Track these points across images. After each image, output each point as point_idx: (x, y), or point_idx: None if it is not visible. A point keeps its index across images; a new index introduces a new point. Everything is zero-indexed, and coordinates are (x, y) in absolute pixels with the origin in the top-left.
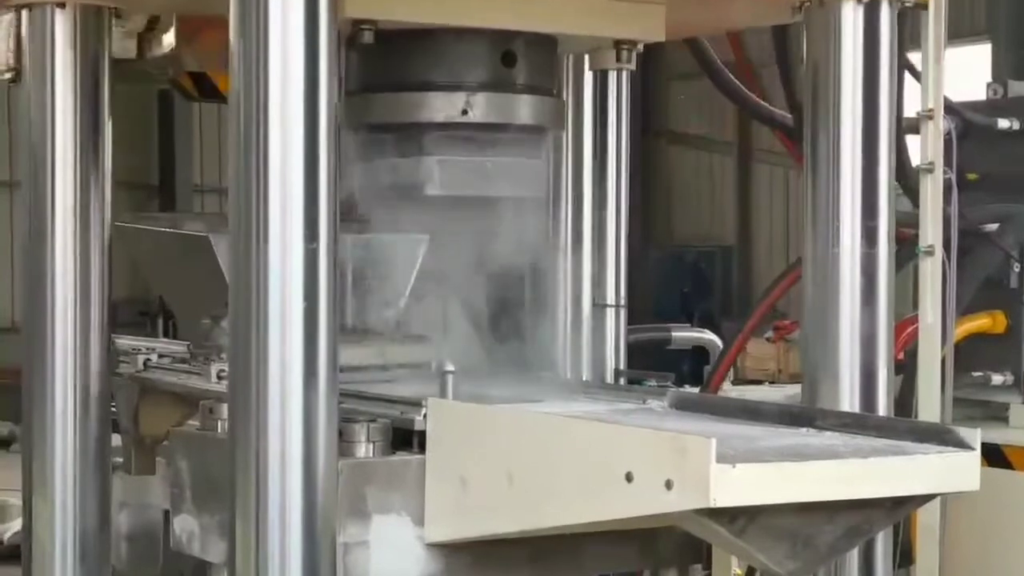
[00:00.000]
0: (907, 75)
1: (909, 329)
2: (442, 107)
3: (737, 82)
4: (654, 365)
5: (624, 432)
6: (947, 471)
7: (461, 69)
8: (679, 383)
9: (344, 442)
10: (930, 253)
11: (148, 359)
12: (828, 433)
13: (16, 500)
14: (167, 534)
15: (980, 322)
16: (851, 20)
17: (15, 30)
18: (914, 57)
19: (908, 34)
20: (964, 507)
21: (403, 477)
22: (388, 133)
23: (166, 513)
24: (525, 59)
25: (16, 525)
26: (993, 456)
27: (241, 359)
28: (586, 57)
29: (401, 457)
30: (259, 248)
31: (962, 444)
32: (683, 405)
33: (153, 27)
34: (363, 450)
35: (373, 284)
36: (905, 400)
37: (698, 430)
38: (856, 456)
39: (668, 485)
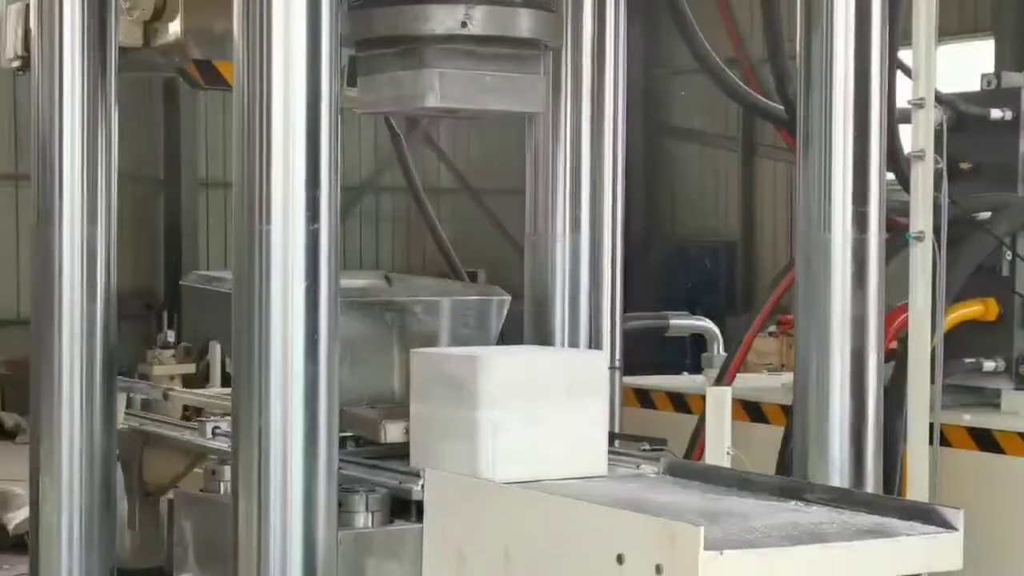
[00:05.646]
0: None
1: (901, 317)
2: (442, 19)
3: (734, 77)
4: (654, 355)
5: (617, 516)
6: (930, 552)
7: None
8: (679, 373)
9: (344, 512)
10: (920, 239)
11: (217, 427)
12: (816, 508)
13: (21, 490)
14: (171, 524)
15: (972, 309)
16: (843, 5)
17: (23, 19)
18: (908, 53)
19: (901, 29)
20: (955, 492)
21: (401, 546)
22: (389, 47)
23: (170, 504)
24: None
25: (21, 514)
26: (984, 441)
27: (244, 344)
28: None
29: (399, 527)
30: (261, 227)
31: (946, 524)
32: (676, 472)
33: (159, 15)
34: (362, 520)
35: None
36: (896, 387)
37: (688, 506)
38: (841, 539)
39: (658, 570)
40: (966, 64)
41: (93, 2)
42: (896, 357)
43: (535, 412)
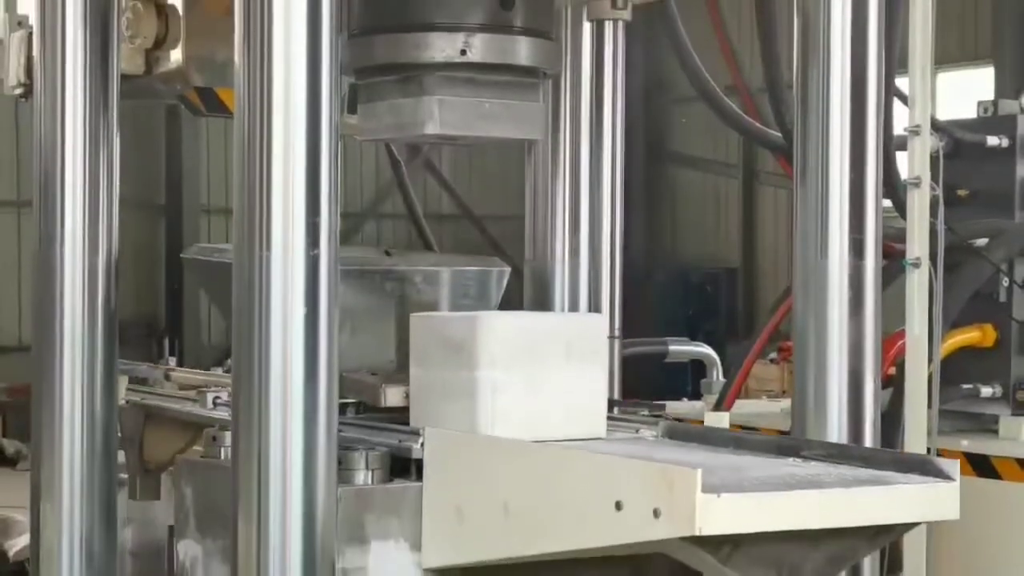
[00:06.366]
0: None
1: (899, 343)
2: (442, 47)
3: (732, 105)
4: (654, 380)
5: (614, 463)
6: (927, 501)
7: (460, 11)
8: (679, 398)
9: (343, 470)
10: (917, 265)
11: (218, 397)
12: (814, 463)
13: (22, 517)
14: (171, 551)
15: (970, 335)
16: (839, 29)
17: (26, 46)
18: (904, 81)
19: (897, 57)
20: None
21: (401, 504)
22: (389, 74)
23: (171, 530)
24: (522, 3)
25: (22, 541)
26: (982, 467)
27: (245, 364)
28: (584, 10)
29: (399, 485)
30: (262, 253)
31: (942, 474)
32: (674, 435)
33: (161, 43)
34: (362, 478)
35: (467, 305)
36: (894, 413)
37: (686, 460)
38: (838, 486)
39: (656, 514)
40: (967, 91)
41: (95, 29)
42: (894, 383)
43: (535, 373)
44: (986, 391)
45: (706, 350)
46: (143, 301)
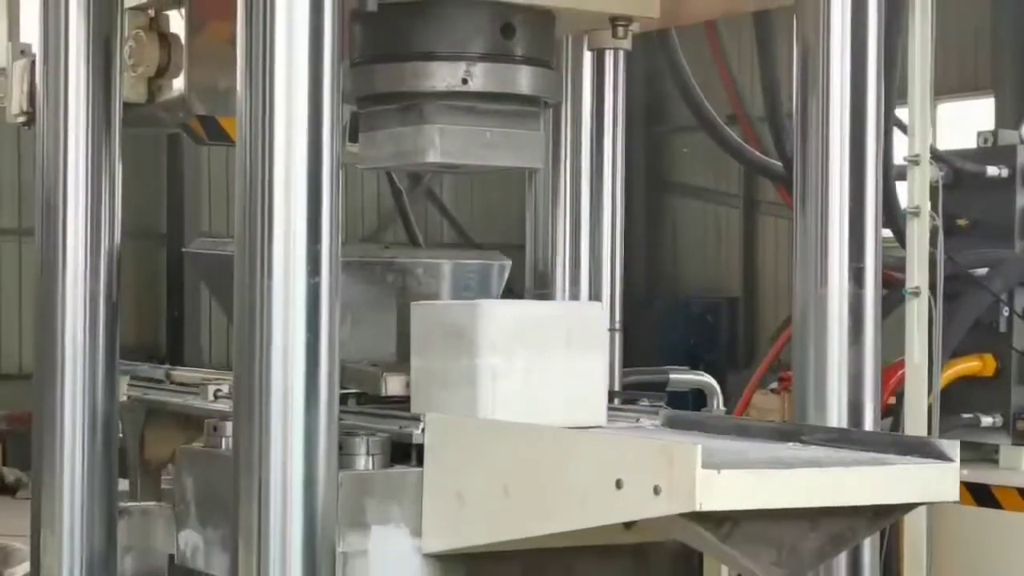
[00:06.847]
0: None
1: (899, 373)
2: (443, 76)
3: (733, 134)
4: None
5: (614, 442)
6: (926, 481)
7: (462, 40)
8: None
9: (344, 455)
10: (916, 294)
11: (219, 389)
12: (814, 447)
13: (22, 545)
14: None
15: (970, 365)
16: (839, 59)
17: (29, 75)
18: (904, 112)
19: (897, 87)
20: (953, 545)
21: (402, 489)
22: (390, 103)
23: (171, 559)
24: (524, 32)
25: (21, 569)
26: (982, 496)
27: (245, 380)
28: (584, 40)
29: (399, 470)
30: (263, 281)
31: (942, 456)
32: (675, 424)
33: (163, 72)
34: (363, 463)
35: (468, 298)
36: None
37: (686, 441)
38: (839, 465)
39: (656, 491)
40: (967, 122)
41: (98, 58)
42: (893, 412)
43: (535, 361)
44: (986, 420)
45: (707, 379)
46: (144, 329)
